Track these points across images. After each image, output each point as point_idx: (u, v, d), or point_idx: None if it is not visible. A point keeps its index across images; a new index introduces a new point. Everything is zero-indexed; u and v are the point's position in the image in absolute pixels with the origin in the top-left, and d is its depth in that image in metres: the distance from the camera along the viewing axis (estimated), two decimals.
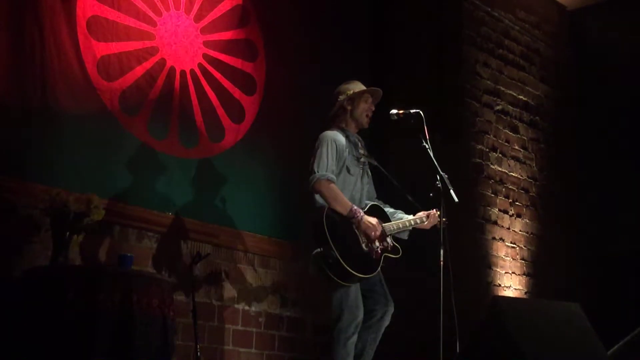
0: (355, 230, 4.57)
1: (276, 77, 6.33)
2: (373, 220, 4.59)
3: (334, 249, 4.40)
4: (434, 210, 4.82)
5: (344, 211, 4.55)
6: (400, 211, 4.93)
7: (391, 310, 4.73)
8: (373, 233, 4.57)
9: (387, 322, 4.73)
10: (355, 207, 4.58)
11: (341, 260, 4.39)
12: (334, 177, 4.61)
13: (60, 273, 4.31)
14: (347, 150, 4.74)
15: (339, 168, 4.69)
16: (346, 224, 4.56)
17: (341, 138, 4.75)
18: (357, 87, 4.88)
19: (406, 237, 4.91)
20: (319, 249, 4.50)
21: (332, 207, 4.55)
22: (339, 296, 4.54)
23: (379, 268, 4.65)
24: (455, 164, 6.22)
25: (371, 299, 4.68)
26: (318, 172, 4.58)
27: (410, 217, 4.87)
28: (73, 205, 4.48)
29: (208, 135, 5.83)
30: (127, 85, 5.38)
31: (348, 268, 4.40)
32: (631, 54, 7.50)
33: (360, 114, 4.85)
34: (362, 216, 4.56)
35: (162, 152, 5.55)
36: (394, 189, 4.95)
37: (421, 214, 4.87)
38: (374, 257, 4.58)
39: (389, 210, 4.92)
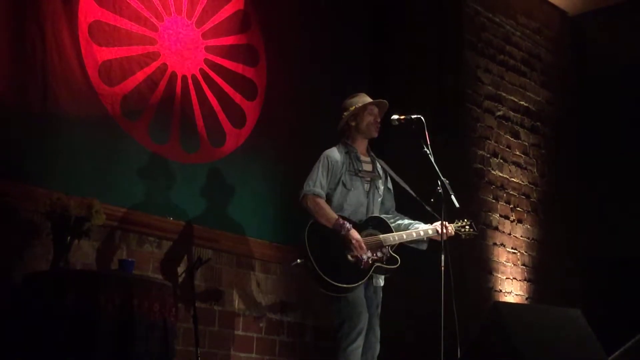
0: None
1: (277, 82, 6.33)
2: (355, 236, 4.59)
3: (311, 259, 4.48)
4: (447, 222, 4.78)
5: (329, 224, 4.60)
6: (418, 222, 4.89)
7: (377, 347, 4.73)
8: (355, 249, 4.58)
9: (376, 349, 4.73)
10: (342, 221, 4.60)
11: (318, 270, 4.46)
12: (321, 192, 4.66)
13: (61, 277, 4.30)
14: (344, 165, 4.76)
15: (335, 183, 4.74)
16: (332, 236, 4.60)
17: (336, 154, 4.79)
18: (361, 100, 4.87)
19: (424, 248, 4.87)
20: (298, 261, 4.59)
21: (318, 220, 4.61)
22: (337, 304, 4.57)
23: (375, 278, 4.69)
24: (456, 170, 6.22)
25: None
26: (305, 188, 4.67)
27: (420, 227, 4.82)
28: (74, 209, 4.48)
29: (209, 140, 5.83)
30: (128, 90, 5.38)
31: (326, 278, 4.46)
32: (632, 60, 7.50)
33: (365, 127, 4.85)
34: (347, 230, 4.58)
35: (163, 156, 5.55)
36: (412, 200, 4.91)
37: (436, 224, 4.80)
38: (361, 267, 4.59)
39: (405, 222, 4.90)
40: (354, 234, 4.59)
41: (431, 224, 4.83)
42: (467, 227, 4.92)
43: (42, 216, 4.56)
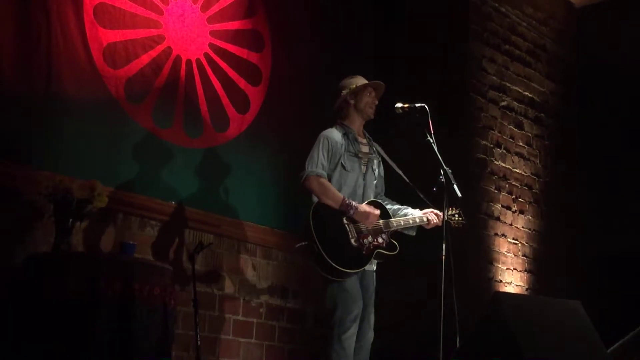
0: (346, 226, 4.57)
1: (282, 68, 6.33)
2: (367, 208, 4.59)
3: (316, 242, 4.42)
4: (437, 211, 4.79)
5: (335, 205, 4.56)
6: (406, 207, 4.89)
7: (370, 332, 4.68)
8: (369, 219, 4.57)
9: (370, 334, 4.69)
10: (348, 200, 4.58)
11: (324, 254, 4.40)
12: (324, 173, 4.63)
13: (62, 260, 4.32)
14: (343, 146, 4.73)
15: (335, 164, 4.70)
16: (336, 219, 4.56)
17: (336, 135, 4.75)
18: (360, 81, 4.86)
19: (413, 234, 4.89)
20: (302, 243, 4.53)
21: (323, 202, 4.56)
22: (332, 289, 4.53)
23: (369, 264, 4.63)
24: (459, 159, 6.20)
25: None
26: (308, 169, 4.62)
27: (416, 213, 4.83)
28: (76, 192, 4.48)
29: (213, 124, 5.83)
30: (132, 73, 5.38)
31: (330, 262, 4.41)
32: (637, 52, 7.48)
33: (364, 107, 4.83)
34: (356, 207, 4.56)
35: (167, 140, 5.55)
36: (405, 185, 4.91)
37: (428, 212, 4.82)
38: (364, 252, 4.57)
39: (394, 207, 4.90)
40: (363, 207, 4.59)
41: (420, 210, 4.84)
42: (456, 215, 4.90)
43: (45, 198, 4.55)
